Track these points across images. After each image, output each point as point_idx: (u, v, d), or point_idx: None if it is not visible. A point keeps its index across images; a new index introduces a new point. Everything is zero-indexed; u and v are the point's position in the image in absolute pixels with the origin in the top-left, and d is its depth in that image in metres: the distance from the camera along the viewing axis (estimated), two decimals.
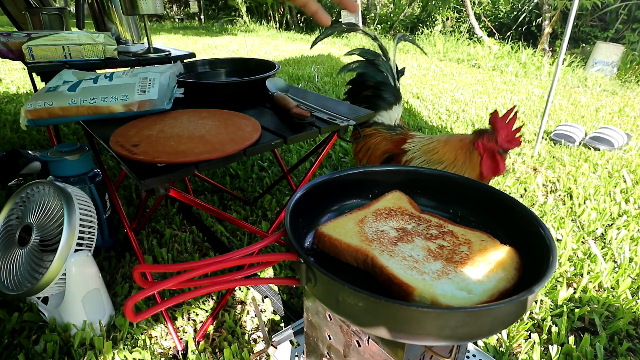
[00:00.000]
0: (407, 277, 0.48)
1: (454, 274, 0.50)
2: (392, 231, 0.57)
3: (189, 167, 0.84)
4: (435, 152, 1.27)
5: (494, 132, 1.16)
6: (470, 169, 1.19)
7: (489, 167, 1.17)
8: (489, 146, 1.16)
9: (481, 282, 0.47)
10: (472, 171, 1.19)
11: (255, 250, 0.41)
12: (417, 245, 0.54)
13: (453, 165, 1.22)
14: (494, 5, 8.03)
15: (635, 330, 1.23)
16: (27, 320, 1.20)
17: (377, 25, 8.74)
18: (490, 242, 0.55)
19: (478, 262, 0.52)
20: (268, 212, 1.80)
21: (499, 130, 1.15)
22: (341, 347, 0.62)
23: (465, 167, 1.20)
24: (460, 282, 0.48)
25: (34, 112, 1.03)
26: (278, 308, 1.29)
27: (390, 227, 0.58)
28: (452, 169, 1.21)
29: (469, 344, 0.89)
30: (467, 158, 1.20)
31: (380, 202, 0.65)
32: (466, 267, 0.51)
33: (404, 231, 0.57)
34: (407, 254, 0.53)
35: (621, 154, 2.56)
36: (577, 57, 5.59)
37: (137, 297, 0.31)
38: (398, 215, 0.61)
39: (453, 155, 1.22)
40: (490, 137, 1.16)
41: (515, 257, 0.53)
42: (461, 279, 0.49)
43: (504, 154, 1.17)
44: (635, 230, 1.71)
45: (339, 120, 1.08)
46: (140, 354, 1.10)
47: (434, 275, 0.48)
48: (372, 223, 0.59)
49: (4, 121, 2.88)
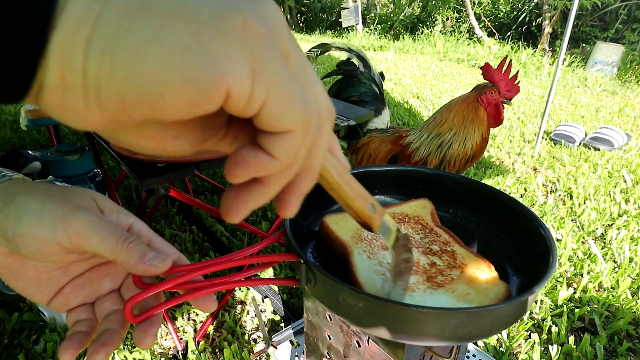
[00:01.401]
0: (366, 281, 0.47)
1: (419, 293, 0.46)
2: None
3: (189, 167, 0.84)
4: (443, 123, 1.31)
5: (494, 84, 1.23)
6: (478, 124, 1.27)
7: (494, 118, 1.26)
8: (492, 99, 1.24)
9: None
10: (481, 126, 1.27)
11: (255, 251, 0.41)
12: None
13: (464, 127, 1.27)
14: (494, 5, 8.03)
15: (635, 330, 1.23)
16: (27, 320, 1.20)
17: (377, 25, 8.74)
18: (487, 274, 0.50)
19: (457, 289, 0.47)
20: (268, 212, 1.80)
21: (498, 82, 1.22)
22: (341, 348, 0.62)
23: (474, 124, 1.27)
24: (420, 301, 0.44)
25: (34, 112, 1.03)
26: (278, 308, 1.29)
27: None
28: (464, 131, 1.27)
29: (469, 344, 0.89)
30: (475, 115, 1.27)
31: (402, 206, 0.63)
32: (439, 290, 0.47)
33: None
34: (387, 261, 0.51)
35: (621, 154, 2.56)
36: (577, 57, 5.59)
37: (136, 298, 0.31)
38: (411, 223, 0.60)
39: (461, 117, 1.28)
40: (491, 90, 1.23)
41: (501, 296, 0.46)
42: (422, 300, 0.45)
43: (507, 103, 1.25)
44: (635, 230, 1.71)
45: (338, 120, 1.08)
46: (140, 354, 1.10)
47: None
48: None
49: (4, 121, 2.88)
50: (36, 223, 0.30)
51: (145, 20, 0.16)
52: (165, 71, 0.16)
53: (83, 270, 0.36)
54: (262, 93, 0.18)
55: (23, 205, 0.30)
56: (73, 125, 0.19)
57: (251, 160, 0.20)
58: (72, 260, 0.33)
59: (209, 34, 0.17)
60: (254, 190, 0.23)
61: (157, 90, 0.17)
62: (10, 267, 0.33)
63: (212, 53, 0.17)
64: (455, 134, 1.28)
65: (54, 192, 0.32)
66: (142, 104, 0.17)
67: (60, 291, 0.35)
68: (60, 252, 0.31)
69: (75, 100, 0.17)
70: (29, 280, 0.34)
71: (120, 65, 0.16)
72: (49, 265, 0.34)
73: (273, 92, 0.18)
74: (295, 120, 0.20)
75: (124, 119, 0.18)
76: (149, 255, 0.31)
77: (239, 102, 0.18)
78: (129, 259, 0.30)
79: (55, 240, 0.30)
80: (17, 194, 0.31)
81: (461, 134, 1.28)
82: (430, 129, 1.34)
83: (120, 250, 0.30)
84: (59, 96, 0.17)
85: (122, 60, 0.16)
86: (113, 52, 0.16)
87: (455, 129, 1.28)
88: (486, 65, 1.26)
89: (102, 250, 0.31)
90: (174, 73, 0.16)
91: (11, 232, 0.30)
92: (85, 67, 0.16)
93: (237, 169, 0.21)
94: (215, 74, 0.17)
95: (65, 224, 0.30)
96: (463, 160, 1.30)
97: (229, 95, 0.17)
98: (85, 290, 0.36)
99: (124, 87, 0.17)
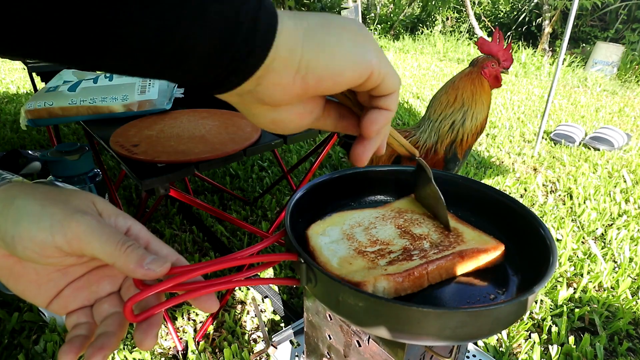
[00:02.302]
0: (327, 260, 0.50)
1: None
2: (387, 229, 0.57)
3: (189, 167, 0.84)
4: (452, 102, 1.35)
5: (492, 57, 1.32)
6: (485, 96, 1.35)
7: (495, 87, 1.37)
8: (494, 72, 1.34)
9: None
10: (487, 98, 1.35)
11: (255, 251, 0.41)
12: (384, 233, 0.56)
13: (474, 102, 1.33)
14: (494, 5, 8.03)
15: (635, 330, 1.23)
16: (27, 320, 1.20)
17: (377, 25, 8.74)
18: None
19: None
20: (268, 212, 1.80)
21: (497, 53, 1.32)
22: (341, 347, 0.62)
23: (482, 97, 1.34)
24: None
25: (34, 112, 1.03)
26: (278, 308, 1.29)
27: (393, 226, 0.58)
28: (475, 106, 1.33)
29: (469, 344, 0.89)
30: (481, 88, 1.34)
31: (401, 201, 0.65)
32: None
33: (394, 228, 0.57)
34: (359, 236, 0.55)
35: (621, 154, 2.56)
36: (577, 57, 5.59)
37: (136, 298, 0.31)
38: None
39: (470, 92, 1.34)
40: (492, 62, 1.32)
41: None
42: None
43: (505, 72, 1.35)
44: (635, 230, 1.71)
45: None
46: (140, 354, 1.10)
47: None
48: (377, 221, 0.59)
49: (4, 121, 2.88)
50: (35, 226, 0.30)
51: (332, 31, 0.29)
52: (345, 60, 0.29)
53: (82, 273, 0.36)
54: (383, 71, 0.31)
55: (22, 208, 0.31)
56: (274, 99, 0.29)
57: (380, 116, 0.33)
58: (71, 263, 0.33)
59: (360, 39, 0.30)
60: (374, 139, 0.35)
61: (340, 70, 0.29)
62: (10, 269, 0.33)
63: (363, 50, 0.30)
64: (467, 110, 1.33)
65: (54, 195, 0.32)
66: (330, 78, 0.29)
67: (60, 294, 0.35)
68: (58, 255, 0.31)
69: (287, 79, 0.28)
70: (28, 282, 0.34)
71: (324, 55, 0.28)
72: (48, 267, 0.34)
73: (387, 71, 0.31)
74: (397, 85, 0.33)
75: (312, 92, 0.29)
76: (147, 259, 0.31)
77: (375, 78, 0.31)
78: (127, 264, 0.30)
79: (54, 244, 0.30)
80: (17, 196, 0.31)
81: (472, 109, 1.33)
82: (437, 114, 1.37)
83: (118, 254, 0.31)
84: (278, 75, 0.27)
85: (325, 52, 0.28)
86: (321, 48, 0.28)
87: (467, 105, 1.33)
88: (481, 39, 1.34)
89: (100, 254, 0.31)
90: (350, 60, 0.29)
91: (10, 234, 0.30)
92: (301, 58, 0.27)
93: (373, 125, 0.33)
94: (367, 60, 0.30)
95: (65, 228, 0.30)
96: (474, 135, 1.35)
97: (372, 74, 0.30)
98: (84, 293, 0.36)
99: (324, 68, 0.28)
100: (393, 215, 0.61)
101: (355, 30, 0.30)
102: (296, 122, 0.32)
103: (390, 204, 0.64)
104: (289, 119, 0.32)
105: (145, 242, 0.36)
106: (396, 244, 0.54)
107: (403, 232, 0.57)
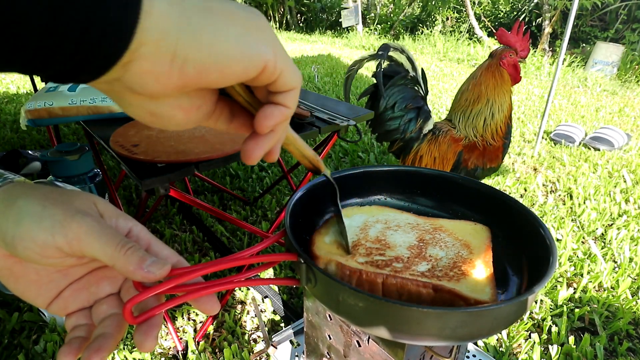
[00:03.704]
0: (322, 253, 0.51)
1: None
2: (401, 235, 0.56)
3: (189, 167, 0.84)
4: (477, 98, 1.40)
5: (510, 47, 1.37)
6: (507, 86, 1.40)
7: (514, 78, 1.41)
8: (512, 61, 1.38)
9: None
10: (509, 88, 1.40)
11: (256, 251, 0.41)
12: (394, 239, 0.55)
13: (497, 94, 1.39)
14: (494, 5, 8.03)
15: (635, 330, 1.23)
16: (27, 320, 1.20)
17: (377, 25, 8.74)
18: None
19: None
20: (268, 212, 1.80)
21: (515, 44, 1.37)
22: (341, 347, 0.62)
23: (504, 87, 1.39)
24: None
25: (34, 112, 1.03)
26: (278, 308, 1.29)
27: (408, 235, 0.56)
28: (499, 97, 1.39)
29: (469, 344, 0.89)
30: (502, 79, 1.39)
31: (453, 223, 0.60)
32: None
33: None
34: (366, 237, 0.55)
35: (621, 154, 2.56)
36: (577, 57, 5.59)
37: (135, 299, 0.31)
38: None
39: (492, 85, 1.39)
40: (510, 53, 1.37)
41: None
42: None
43: (522, 62, 1.40)
44: (635, 230, 1.71)
45: (339, 120, 1.08)
46: (140, 354, 1.10)
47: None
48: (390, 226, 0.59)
49: (4, 121, 2.88)
50: (36, 226, 0.30)
51: (216, 16, 0.25)
52: (232, 49, 0.25)
53: (82, 274, 0.36)
54: (280, 66, 0.28)
55: (24, 208, 0.31)
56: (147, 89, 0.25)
57: (276, 111, 0.30)
58: (71, 264, 0.33)
59: (252, 28, 0.26)
60: (267, 137, 0.31)
61: (226, 61, 0.25)
62: (10, 270, 0.33)
63: (256, 40, 0.26)
64: (493, 103, 1.39)
65: (55, 196, 0.32)
66: (215, 70, 0.25)
67: (60, 295, 0.35)
68: (59, 256, 0.31)
69: (162, 67, 0.24)
70: (29, 283, 0.34)
71: (205, 44, 0.24)
72: (49, 268, 0.34)
73: (285, 65, 0.28)
74: (296, 81, 0.30)
75: (193, 84, 0.26)
76: (147, 261, 0.31)
77: (270, 72, 0.27)
78: (127, 266, 0.30)
79: (54, 244, 0.30)
80: (18, 197, 0.31)
81: (498, 100, 1.39)
82: (467, 112, 1.42)
83: (118, 256, 0.30)
84: (150, 62, 0.24)
85: (206, 41, 0.24)
86: (200, 34, 0.24)
87: (492, 98, 1.39)
88: (500, 30, 1.39)
89: (100, 256, 0.31)
90: (237, 50, 0.25)
91: (11, 234, 0.30)
92: (177, 44, 0.24)
93: (266, 120, 0.30)
94: (259, 53, 0.26)
95: (65, 229, 0.30)
96: (505, 124, 1.41)
97: (265, 67, 0.27)
98: (84, 294, 0.36)
99: (207, 58, 0.25)
100: (428, 228, 0.58)
101: (244, 17, 0.26)
102: (179, 117, 0.29)
103: (439, 219, 0.60)
104: (171, 113, 0.28)
105: (146, 244, 0.36)
106: (395, 251, 0.52)
107: (418, 245, 0.54)
